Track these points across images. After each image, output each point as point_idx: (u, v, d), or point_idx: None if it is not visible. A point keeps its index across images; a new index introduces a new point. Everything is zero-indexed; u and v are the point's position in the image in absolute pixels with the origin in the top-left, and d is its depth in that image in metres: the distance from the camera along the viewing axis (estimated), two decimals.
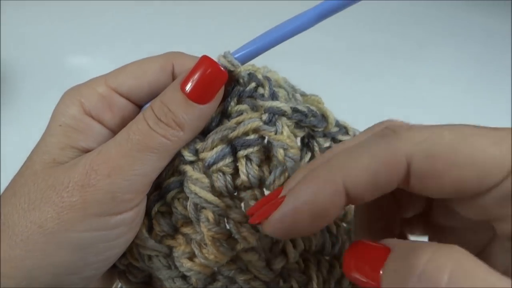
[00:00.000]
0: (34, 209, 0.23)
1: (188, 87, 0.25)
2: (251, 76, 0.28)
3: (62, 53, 0.73)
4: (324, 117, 0.28)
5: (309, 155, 0.29)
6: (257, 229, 0.25)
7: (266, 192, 0.26)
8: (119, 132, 0.26)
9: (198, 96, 0.25)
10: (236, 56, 0.27)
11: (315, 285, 0.27)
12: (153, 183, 0.26)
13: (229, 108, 0.28)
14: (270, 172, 0.26)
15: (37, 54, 0.73)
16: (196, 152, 0.26)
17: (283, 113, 0.26)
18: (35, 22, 0.78)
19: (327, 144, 0.29)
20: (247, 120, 0.26)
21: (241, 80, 0.27)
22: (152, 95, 0.28)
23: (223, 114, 0.28)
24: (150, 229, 0.27)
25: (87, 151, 0.26)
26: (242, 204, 0.26)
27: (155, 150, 0.25)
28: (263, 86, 0.28)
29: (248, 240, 0.25)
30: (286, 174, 0.25)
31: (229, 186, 0.26)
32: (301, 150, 0.28)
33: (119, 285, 0.30)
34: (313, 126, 0.28)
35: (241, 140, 0.26)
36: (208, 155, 0.26)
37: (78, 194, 0.23)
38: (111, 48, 0.74)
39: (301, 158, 0.29)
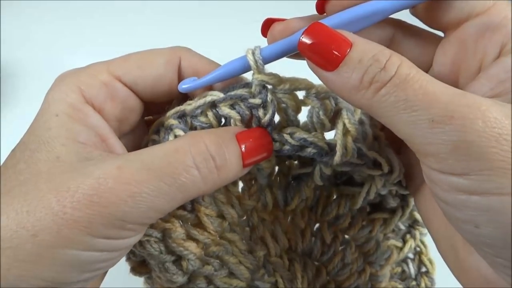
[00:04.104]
0: (29, 213, 0.20)
1: (245, 147, 0.25)
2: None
3: (62, 53, 0.73)
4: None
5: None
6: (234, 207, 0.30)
7: None
8: (150, 149, 0.23)
9: (249, 161, 0.25)
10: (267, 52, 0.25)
11: (299, 284, 0.28)
12: None
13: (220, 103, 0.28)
14: None
15: (37, 54, 0.73)
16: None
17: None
18: (35, 22, 0.78)
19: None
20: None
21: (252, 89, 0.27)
22: (156, 88, 0.26)
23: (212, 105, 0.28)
24: None
25: (85, 144, 0.23)
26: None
27: (183, 188, 0.23)
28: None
29: (232, 214, 0.29)
30: None
31: None
32: None
33: None
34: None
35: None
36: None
37: (85, 211, 0.20)
38: (111, 49, 0.74)
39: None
